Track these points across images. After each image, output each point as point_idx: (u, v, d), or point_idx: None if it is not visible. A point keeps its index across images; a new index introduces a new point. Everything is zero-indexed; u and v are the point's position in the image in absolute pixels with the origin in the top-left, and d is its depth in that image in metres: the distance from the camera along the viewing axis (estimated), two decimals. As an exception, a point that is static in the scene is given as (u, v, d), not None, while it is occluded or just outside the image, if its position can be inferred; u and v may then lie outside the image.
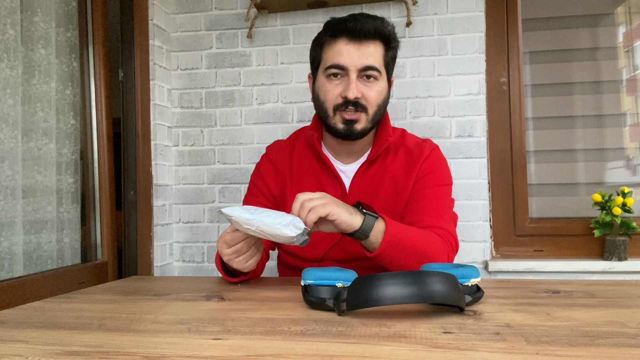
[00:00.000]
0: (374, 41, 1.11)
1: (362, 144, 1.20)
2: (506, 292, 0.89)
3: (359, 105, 1.10)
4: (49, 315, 0.77)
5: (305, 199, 0.91)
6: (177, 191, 1.93)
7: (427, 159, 1.18)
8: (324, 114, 1.15)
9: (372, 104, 1.12)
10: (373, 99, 1.12)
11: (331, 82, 1.12)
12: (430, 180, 1.16)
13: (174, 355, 0.54)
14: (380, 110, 1.15)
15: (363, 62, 1.09)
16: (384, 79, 1.15)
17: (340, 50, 1.10)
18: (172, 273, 1.91)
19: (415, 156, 1.19)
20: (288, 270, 1.25)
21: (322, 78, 1.14)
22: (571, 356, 0.51)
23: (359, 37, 1.09)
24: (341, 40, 1.11)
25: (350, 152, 1.21)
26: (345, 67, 1.10)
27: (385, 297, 0.66)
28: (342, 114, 1.12)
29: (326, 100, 1.13)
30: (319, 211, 0.89)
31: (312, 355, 0.53)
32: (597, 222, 1.68)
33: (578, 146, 1.81)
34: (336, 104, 1.12)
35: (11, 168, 1.27)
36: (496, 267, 1.69)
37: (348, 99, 1.09)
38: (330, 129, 1.16)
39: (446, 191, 1.18)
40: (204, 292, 0.93)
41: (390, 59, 1.16)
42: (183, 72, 1.94)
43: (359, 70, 1.09)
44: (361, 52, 1.09)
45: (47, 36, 1.40)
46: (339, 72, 1.11)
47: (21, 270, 1.29)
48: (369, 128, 1.14)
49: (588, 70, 1.81)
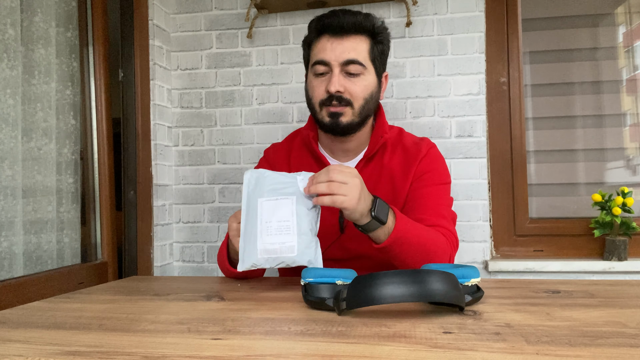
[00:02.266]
0: (356, 35, 1.12)
1: (357, 142, 1.20)
2: (506, 292, 0.89)
3: (343, 100, 1.12)
4: (49, 315, 0.77)
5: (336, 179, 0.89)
6: (177, 191, 1.93)
7: (424, 157, 1.18)
8: (312, 110, 1.17)
9: (358, 98, 1.13)
10: (358, 93, 1.12)
11: (317, 78, 1.14)
12: (429, 179, 1.16)
13: (174, 355, 0.54)
14: (369, 104, 1.15)
15: (345, 56, 1.10)
16: (371, 73, 1.15)
17: (323, 46, 1.12)
18: (172, 273, 1.91)
19: (412, 154, 1.19)
20: (288, 270, 1.25)
21: (311, 75, 1.17)
22: (571, 356, 0.51)
23: (340, 32, 1.11)
24: (324, 37, 1.13)
25: (347, 151, 1.21)
26: (327, 62, 1.11)
27: (385, 296, 0.66)
28: (327, 108, 1.13)
29: (313, 97, 1.16)
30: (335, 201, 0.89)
31: (312, 355, 0.53)
32: (597, 222, 1.68)
33: (578, 146, 1.81)
34: (322, 100, 1.13)
35: (11, 168, 1.27)
36: (496, 267, 1.69)
37: (331, 93, 1.11)
38: (319, 124, 1.18)
39: (445, 190, 1.19)
40: (204, 292, 0.93)
41: (379, 54, 1.16)
42: (183, 72, 1.94)
43: (341, 64, 1.11)
44: (343, 47, 1.11)
45: (47, 36, 1.40)
46: (323, 68, 1.13)
47: (21, 270, 1.29)
48: (356, 122, 1.14)
49: (588, 70, 1.81)
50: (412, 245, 0.99)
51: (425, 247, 1.01)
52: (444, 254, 1.05)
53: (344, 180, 0.89)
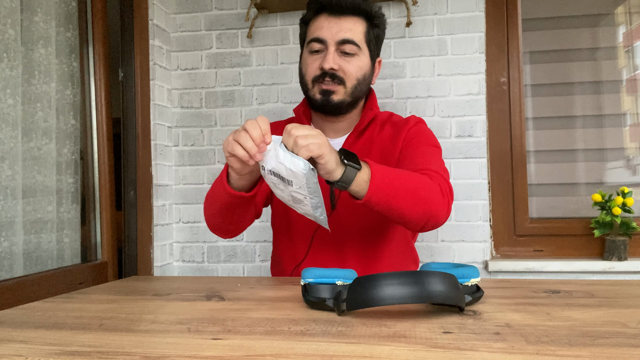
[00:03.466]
0: (353, 17, 1.14)
1: (348, 122, 1.21)
2: (506, 292, 0.89)
3: (336, 77, 1.12)
4: (49, 315, 0.77)
5: (300, 135, 0.84)
6: (177, 191, 1.93)
7: (413, 127, 1.19)
8: (304, 87, 1.18)
9: (351, 78, 1.13)
10: (351, 72, 1.13)
11: (312, 56, 1.16)
12: (417, 142, 1.16)
13: (174, 355, 0.54)
14: (361, 85, 1.16)
15: (341, 35, 1.12)
16: (366, 55, 1.16)
17: (320, 24, 1.14)
18: (172, 273, 1.91)
19: (401, 126, 1.20)
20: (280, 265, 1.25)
21: (306, 53, 1.18)
22: (571, 356, 0.51)
23: (338, 12, 1.13)
24: (322, 15, 1.15)
25: (337, 130, 1.22)
26: (324, 40, 1.13)
27: (385, 297, 0.66)
28: (320, 85, 1.14)
29: (307, 73, 1.16)
30: (312, 149, 0.83)
31: (312, 355, 0.53)
32: (597, 222, 1.68)
33: (578, 146, 1.81)
34: (315, 76, 1.14)
35: (11, 168, 1.27)
36: (496, 267, 1.69)
37: (324, 69, 1.12)
38: (310, 102, 1.18)
39: (434, 151, 1.16)
40: (204, 292, 0.93)
41: (374, 37, 1.17)
42: (183, 72, 1.94)
43: (337, 43, 1.12)
44: (340, 26, 1.12)
45: (47, 36, 1.40)
46: (319, 46, 1.14)
47: (21, 270, 1.29)
48: (347, 102, 1.15)
49: (588, 70, 1.81)
50: (396, 190, 0.93)
51: (411, 188, 0.95)
52: (434, 192, 0.99)
53: (306, 134, 0.85)
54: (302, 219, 1.16)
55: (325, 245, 1.16)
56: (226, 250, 1.90)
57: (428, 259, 1.76)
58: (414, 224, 1.00)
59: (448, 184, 1.06)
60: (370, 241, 1.16)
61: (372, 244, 1.17)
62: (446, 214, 1.03)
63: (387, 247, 1.18)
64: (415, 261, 1.29)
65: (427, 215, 0.98)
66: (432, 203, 0.98)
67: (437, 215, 1.00)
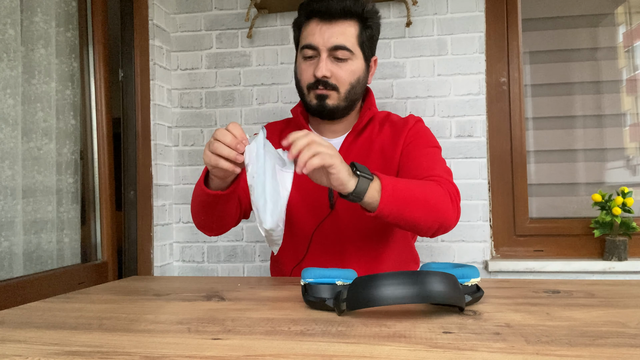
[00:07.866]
0: (345, 20, 1.13)
1: (345, 123, 1.22)
2: (506, 292, 0.89)
3: (329, 85, 1.13)
4: (49, 315, 0.77)
5: (314, 141, 0.86)
6: (177, 191, 1.93)
7: (412, 127, 1.20)
8: (300, 92, 1.19)
9: (344, 83, 1.14)
10: (344, 78, 1.14)
11: (306, 62, 1.16)
12: (418, 144, 1.17)
13: (174, 355, 0.54)
14: (355, 89, 1.16)
15: (333, 41, 1.12)
16: (359, 58, 1.16)
17: (312, 30, 1.14)
18: (172, 273, 1.91)
19: (400, 126, 1.20)
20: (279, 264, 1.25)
21: (300, 58, 1.18)
22: (571, 356, 0.51)
23: (329, 17, 1.12)
24: (313, 21, 1.14)
25: (335, 131, 1.23)
26: (316, 47, 1.13)
27: (385, 297, 0.66)
28: (315, 91, 1.15)
29: (301, 80, 1.17)
30: (325, 159, 0.86)
31: (312, 355, 0.53)
32: (597, 222, 1.68)
33: (578, 146, 1.81)
34: (309, 84, 1.15)
35: (11, 168, 1.27)
36: (496, 267, 1.69)
37: (317, 77, 1.12)
38: (306, 107, 1.19)
39: (436, 152, 1.18)
40: (204, 292, 0.93)
41: (367, 38, 1.17)
42: (183, 72, 1.94)
43: (328, 49, 1.12)
44: (331, 32, 1.12)
45: (47, 36, 1.40)
46: (311, 52, 1.14)
47: (21, 270, 1.29)
48: (342, 106, 1.16)
49: (588, 70, 1.81)
50: (407, 201, 0.95)
51: (422, 198, 0.98)
52: (443, 199, 1.01)
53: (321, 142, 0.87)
54: (302, 218, 1.16)
55: (324, 245, 1.16)
56: (226, 250, 1.90)
57: (428, 259, 1.76)
58: (425, 231, 1.03)
59: (454, 186, 1.09)
60: (370, 241, 1.17)
61: (371, 243, 1.17)
62: (456, 218, 1.06)
63: (387, 246, 1.18)
64: (415, 261, 1.29)
65: (438, 222, 1.01)
66: (442, 210, 1.01)
67: (447, 221, 1.03)
